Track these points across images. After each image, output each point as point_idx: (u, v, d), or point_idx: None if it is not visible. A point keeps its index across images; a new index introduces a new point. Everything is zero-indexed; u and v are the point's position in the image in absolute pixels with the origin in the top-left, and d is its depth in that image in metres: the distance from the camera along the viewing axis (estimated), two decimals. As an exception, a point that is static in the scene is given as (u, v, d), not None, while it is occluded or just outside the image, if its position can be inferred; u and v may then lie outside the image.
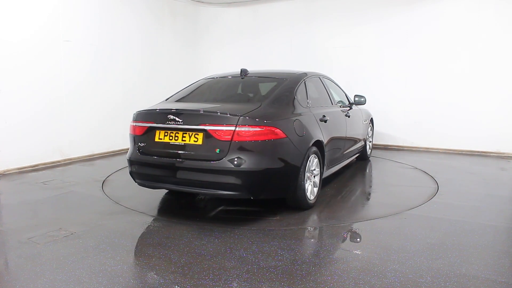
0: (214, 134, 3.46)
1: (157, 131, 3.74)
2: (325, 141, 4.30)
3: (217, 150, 3.44)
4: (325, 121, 4.42)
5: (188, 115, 3.62)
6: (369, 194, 4.82)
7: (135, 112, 4.02)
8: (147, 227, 3.57)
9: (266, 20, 8.93)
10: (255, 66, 8.42)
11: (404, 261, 2.87)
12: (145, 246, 3.16)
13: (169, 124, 3.65)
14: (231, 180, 3.42)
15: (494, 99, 7.04)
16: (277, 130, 3.54)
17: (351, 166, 6.08)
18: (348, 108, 5.51)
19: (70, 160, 6.49)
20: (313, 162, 4.07)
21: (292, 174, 3.72)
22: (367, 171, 6.02)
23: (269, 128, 3.50)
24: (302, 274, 2.68)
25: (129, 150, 4.06)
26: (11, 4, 5.59)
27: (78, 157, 6.62)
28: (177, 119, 3.61)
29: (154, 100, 5.32)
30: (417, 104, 7.64)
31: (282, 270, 2.74)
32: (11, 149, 5.69)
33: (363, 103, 5.76)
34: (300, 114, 4.00)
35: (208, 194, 3.80)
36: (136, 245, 3.18)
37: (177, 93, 4.68)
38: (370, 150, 6.81)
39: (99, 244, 3.22)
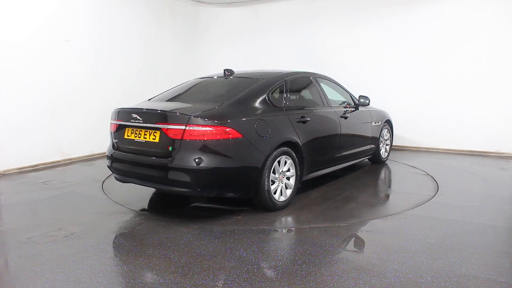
0: (167, 133, 3.61)
1: (126, 128, 3.96)
2: (302, 142, 4.25)
3: (170, 148, 3.58)
4: (304, 122, 4.35)
5: (148, 114, 3.80)
6: (359, 195, 4.72)
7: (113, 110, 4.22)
8: (147, 227, 3.57)
9: (266, 20, 8.92)
10: (255, 66, 8.44)
11: (404, 261, 2.87)
12: (145, 246, 3.16)
13: (133, 122, 3.86)
14: (181, 177, 3.55)
15: (494, 99, 7.04)
16: (230, 130, 3.59)
17: (357, 169, 5.97)
18: (353, 109, 5.40)
19: (70, 160, 6.49)
20: (285, 163, 4.06)
21: (251, 174, 3.73)
22: (369, 173, 5.93)
23: (220, 128, 3.55)
24: (302, 274, 2.68)
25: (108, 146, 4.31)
26: (11, 4, 5.59)
27: (78, 157, 6.62)
28: (138, 117, 3.82)
29: (154, 100, 5.32)
30: (417, 104, 7.64)
31: (282, 270, 2.74)
32: (11, 149, 5.69)
33: (366, 104, 5.58)
34: (267, 114, 3.99)
35: (165, 190, 3.93)
36: (136, 245, 3.18)
37: (161, 93, 4.79)
38: (386, 154, 6.44)
39: (99, 244, 3.22)
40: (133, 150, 3.88)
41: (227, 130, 3.57)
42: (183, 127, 3.52)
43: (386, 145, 6.45)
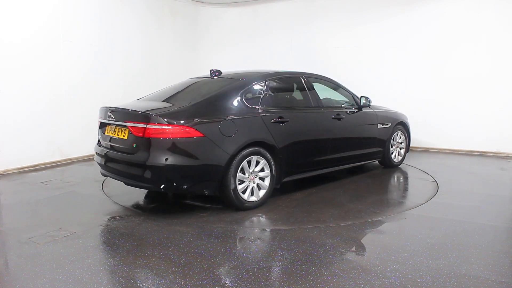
0: (131, 130, 3.79)
1: (106, 126, 4.19)
2: (278, 143, 4.22)
3: (134, 145, 3.77)
4: (283, 123, 4.31)
5: (119, 113, 4.01)
6: (342, 199, 4.47)
7: None
8: (147, 227, 3.57)
9: (266, 20, 8.92)
10: (254, 66, 8.43)
11: (404, 261, 2.87)
12: (145, 246, 3.16)
13: (108, 120, 4.11)
14: (143, 173, 3.71)
15: (494, 99, 7.03)
16: (190, 129, 3.68)
17: (360, 172, 5.82)
18: (355, 110, 5.26)
19: (70, 160, 6.49)
20: (257, 164, 4.07)
21: (213, 173, 3.79)
22: (370, 176, 5.77)
23: (179, 127, 3.66)
24: (302, 274, 2.68)
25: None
26: (11, 4, 5.58)
27: (78, 157, 6.62)
28: (112, 116, 4.05)
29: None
30: (417, 103, 7.62)
31: (282, 270, 2.74)
32: (11, 149, 5.68)
33: (366, 105, 5.39)
34: (236, 115, 4.01)
35: (132, 185, 4.04)
36: (136, 245, 3.18)
37: (152, 93, 4.87)
38: (400, 157, 6.10)
39: (99, 244, 3.23)
40: (110, 146, 4.10)
41: (186, 129, 3.67)
42: (144, 125, 3.67)
43: (400, 149, 6.12)
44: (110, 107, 4.16)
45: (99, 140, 4.39)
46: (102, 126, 4.26)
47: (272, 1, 8.81)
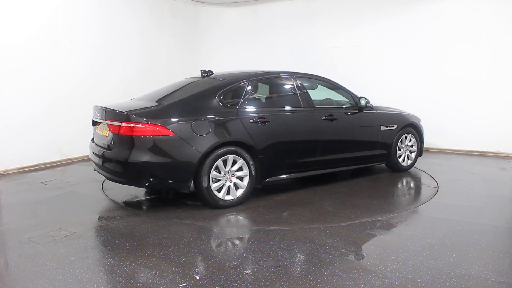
0: (110, 128, 4.00)
1: (97, 124, 4.39)
2: (258, 143, 4.20)
3: (112, 142, 3.97)
4: (263, 123, 4.28)
5: (104, 112, 4.16)
6: (324, 202, 4.31)
7: None
8: (147, 227, 3.57)
9: (266, 20, 8.92)
10: (254, 66, 8.43)
11: (404, 261, 2.87)
12: (145, 246, 3.16)
13: (96, 118, 4.34)
14: (116, 168, 3.96)
15: (494, 99, 7.03)
16: (161, 128, 3.80)
17: (363, 174, 5.69)
18: (355, 111, 5.13)
19: (70, 160, 6.49)
20: (234, 163, 4.09)
21: (184, 171, 3.88)
22: (371, 178, 5.63)
23: (150, 125, 3.79)
24: (302, 274, 2.68)
25: None
26: (12, 5, 5.58)
27: (78, 157, 6.61)
28: (97, 114, 4.26)
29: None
30: (417, 104, 7.60)
31: (282, 270, 2.74)
32: (11, 149, 5.68)
33: (364, 106, 5.20)
34: (211, 115, 4.06)
35: (110, 180, 4.16)
36: (136, 245, 3.18)
37: (144, 93, 4.96)
38: (410, 161, 5.79)
39: (99, 244, 3.23)
40: (98, 143, 4.32)
41: (157, 128, 3.79)
42: (119, 124, 3.85)
43: (411, 152, 5.82)
44: (99, 106, 4.32)
45: (93, 137, 4.58)
46: (94, 124, 4.47)
47: (272, 1, 8.81)
